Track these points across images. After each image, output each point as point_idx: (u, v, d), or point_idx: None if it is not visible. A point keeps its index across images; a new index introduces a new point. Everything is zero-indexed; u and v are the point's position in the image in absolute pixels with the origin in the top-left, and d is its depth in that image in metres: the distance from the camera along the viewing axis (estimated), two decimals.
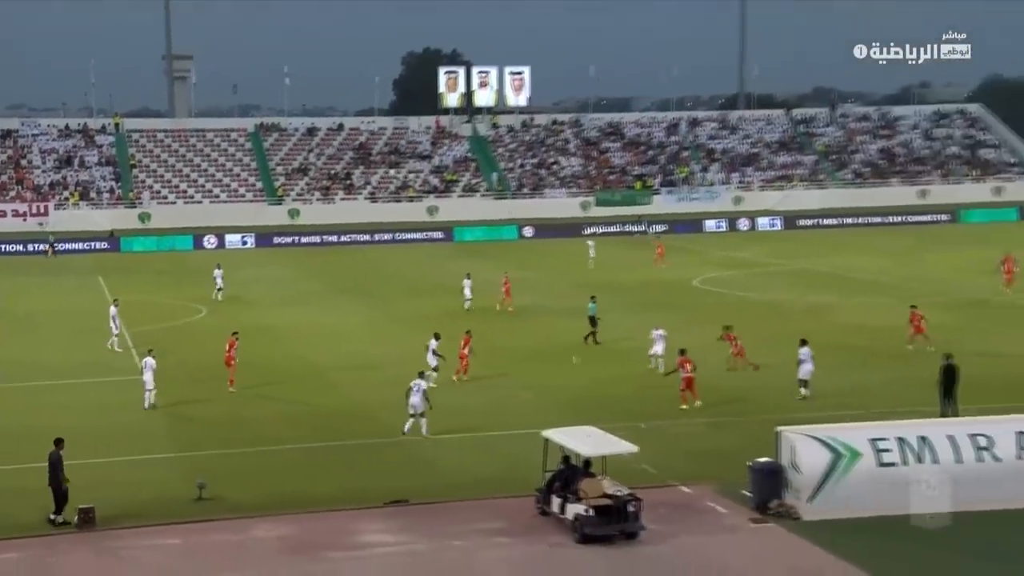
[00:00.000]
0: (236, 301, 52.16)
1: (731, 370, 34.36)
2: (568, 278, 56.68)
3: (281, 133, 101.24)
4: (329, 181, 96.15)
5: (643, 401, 31.39)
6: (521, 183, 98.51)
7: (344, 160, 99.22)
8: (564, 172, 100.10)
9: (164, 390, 33.75)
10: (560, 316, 44.79)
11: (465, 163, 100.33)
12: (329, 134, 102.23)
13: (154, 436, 28.71)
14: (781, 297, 50.49)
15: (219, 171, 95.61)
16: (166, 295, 54.85)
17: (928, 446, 21.84)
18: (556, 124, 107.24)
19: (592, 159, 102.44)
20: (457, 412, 30.58)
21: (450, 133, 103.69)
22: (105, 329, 41.93)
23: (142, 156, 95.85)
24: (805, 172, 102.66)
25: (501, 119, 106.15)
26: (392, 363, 37.53)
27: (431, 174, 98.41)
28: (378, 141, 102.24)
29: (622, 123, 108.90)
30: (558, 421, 25.41)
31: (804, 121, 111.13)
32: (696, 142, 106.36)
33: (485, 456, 26.48)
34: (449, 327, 43.94)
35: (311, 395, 33.19)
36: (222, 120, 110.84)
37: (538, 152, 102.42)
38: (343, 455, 26.82)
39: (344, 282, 58.76)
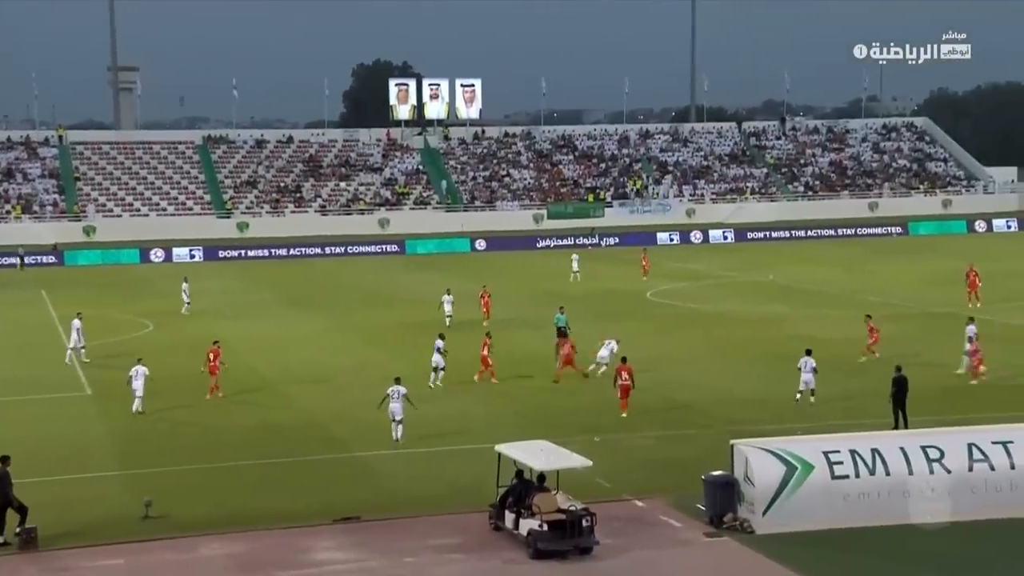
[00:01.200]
0: (183, 315, 51.61)
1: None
2: (521, 290, 56.72)
3: (229, 145, 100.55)
4: (279, 194, 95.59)
5: (597, 414, 31.42)
6: (473, 196, 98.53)
7: (294, 173, 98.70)
8: (516, 185, 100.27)
9: (110, 407, 33.33)
10: (514, 328, 44.78)
11: (416, 176, 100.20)
12: (278, 146, 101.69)
13: (100, 453, 28.30)
14: (733, 308, 50.84)
15: (166, 184, 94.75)
16: (112, 309, 54.15)
17: (880, 458, 22.02)
18: (508, 136, 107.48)
19: (544, 172, 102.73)
20: (410, 426, 30.44)
21: (401, 145, 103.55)
22: (53, 343, 41.41)
23: (87, 169, 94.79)
24: (756, 185, 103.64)
25: (452, 131, 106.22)
26: (345, 375, 37.33)
27: (382, 187, 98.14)
28: (328, 153, 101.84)
29: (574, 136, 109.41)
30: (512, 435, 25.35)
31: (755, 134, 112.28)
32: (648, 155, 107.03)
33: (438, 471, 26.35)
34: (404, 338, 44.00)
35: (262, 409, 32.90)
36: (169, 132, 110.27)
37: (490, 165, 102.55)
38: (294, 470, 26.58)
39: (295, 294, 58.39)
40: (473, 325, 44.55)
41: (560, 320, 40.55)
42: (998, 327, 43.62)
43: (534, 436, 24.69)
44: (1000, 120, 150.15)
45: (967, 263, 53.51)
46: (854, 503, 21.70)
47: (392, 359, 39.65)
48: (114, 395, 34.90)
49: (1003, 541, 21.26)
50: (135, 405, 32.38)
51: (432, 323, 46.82)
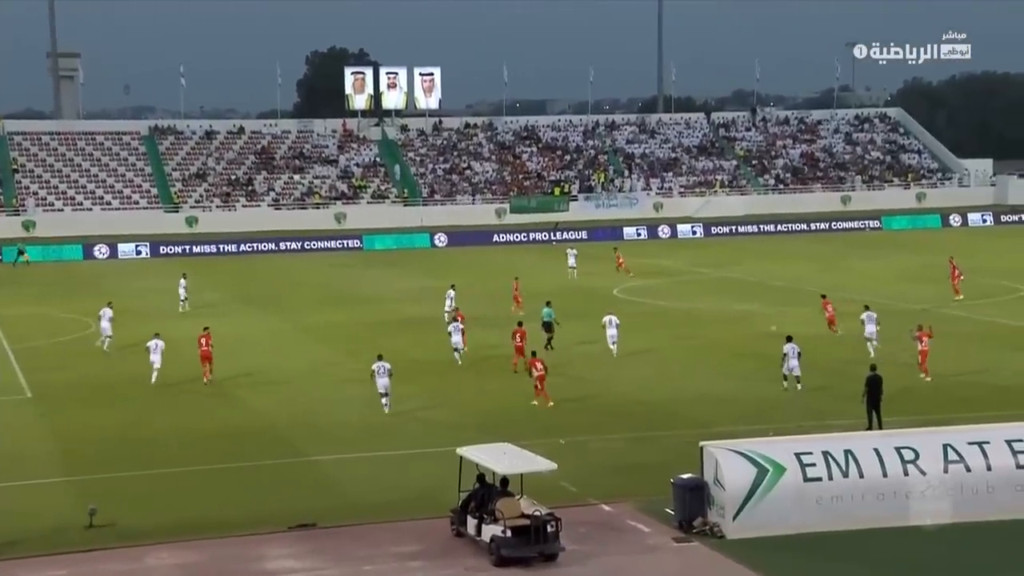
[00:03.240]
0: (131, 313, 51.19)
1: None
2: (482, 287, 56.69)
3: (177, 136, 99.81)
4: (230, 187, 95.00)
5: (562, 415, 31.47)
6: (433, 189, 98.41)
7: (245, 165, 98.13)
8: (477, 178, 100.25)
9: (51, 410, 33.00)
10: (476, 327, 44.78)
11: (374, 168, 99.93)
12: (229, 137, 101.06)
13: (41, 459, 28.05)
14: (702, 306, 51.09)
15: (111, 176, 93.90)
16: (55, 308, 53.63)
17: (854, 460, 22.20)
18: (469, 127, 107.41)
19: (507, 164, 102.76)
20: (366, 429, 30.37)
21: (358, 137, 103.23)
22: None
23: (25, 160, 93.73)
24: (726, 177, 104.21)
25: (411, 122, 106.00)
26: (299, 377, 37.20)
27: (338, 179, 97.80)
28: (281, 145, 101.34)
29: (537, 127, 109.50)
30: (473, 438, 25.34)
31: (724, 125, 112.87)
32: (614, 146, 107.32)
33: (397, 476, 26.32)
34: (363, 339, 43.86)
35: (212, 411, 32.73)
36: (113, 123, 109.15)
37: (450, 157, 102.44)
38: (245, 476, 26.46)
39: (247, 293, 58.07)
40: (437, 323, 44.45)
41: (548, 315, 40.96)
42: (976, 324, 44.12)
43: (497, 438, 24.70)
44: (976, 111, 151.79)
45: (947, 256, 54.23)
46: (827, 506, 21.87)
47: (350, 360, 39.55)
48: (56, 398, 34.62)
49: (980, 544, 21.52)
50: (153, 378, 35.60)
51: (392, 322, 46.73)
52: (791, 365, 33.18)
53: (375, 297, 55.29)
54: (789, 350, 33.21)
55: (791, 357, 33.09)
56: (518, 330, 37.39)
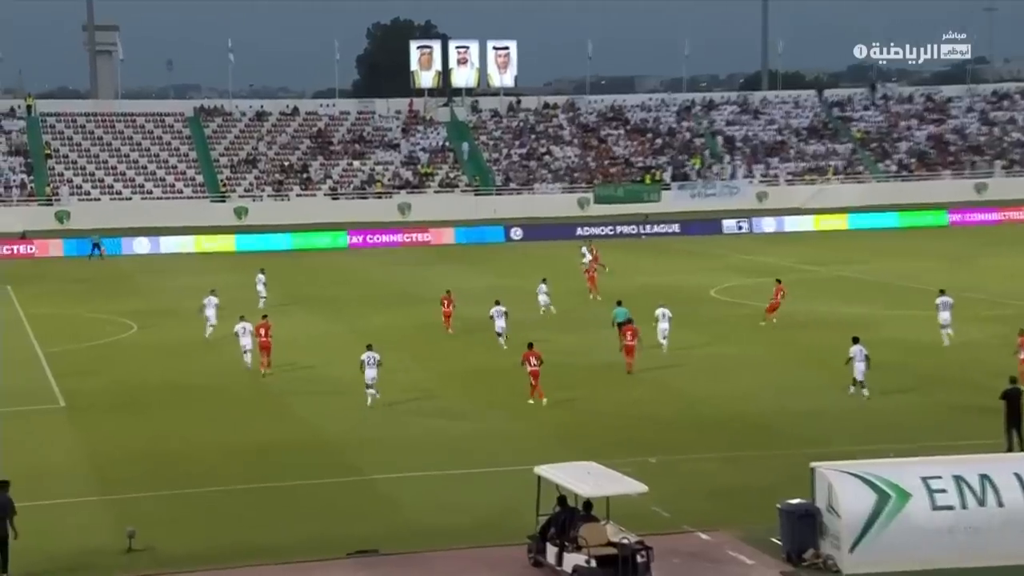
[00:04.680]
0: (171, 315, 51.92)
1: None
2: (563, 286, 56.60)
3: (225, 118, 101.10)
4: (282, 174, 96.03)
5: (654, 430, 31.30)
6: (508, 177, 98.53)
7: (300, 150, 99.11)
8: (558, 164, 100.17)
9: (86, 421, 33.54)
10: (553, 331, 44.72)
11: (442, 153, 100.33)
12: (282, 119, 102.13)
13: (76, 475, 28.50)
14: (809, 309, 50.55)
15: (152, 162, 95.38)
16: (89, 308, 54.58)
17: (991, 486, 21.77)
18: (548, 108, 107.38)
19: (590, 148, 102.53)
20: (431, 444, 30.45)
21: (424, 119, 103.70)
22: (22, 347, 41.69)
23: (59, 144, 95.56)
24: (840, 163, 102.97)
25: (483, 102, 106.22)
26: (355, 387, 37.32)
27: (402, 166, 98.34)
28: (340, 128, 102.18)
29: (625, 107, 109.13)
30: (553, 455, 25.29)
31: (839, 103, 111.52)
32: (712, 128, 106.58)
33: (466, 497, 26.33)
34: (427, 343, 44.02)
35: (259, 423, 33.02)
36: (155, 103, 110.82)
37: (527, 141, 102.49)
38: (297, 496, 26.63)
39: (299, 292, 58.56)
40: (513, 327, 44.46)
41: (621, 315, 41.54)
42: None
43: (580, 456, 24.60)
44: None
45: None
46: (960, 539, 21.46)
47: (412, 367, 39.71)
48: (90, 407, 35.19)
49: None
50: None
51: (460, 326, 46.83)
52: (857, 369, 34.08)
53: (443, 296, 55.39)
54: (855, 352, 34.12)
55: (857, 360, 34.04)
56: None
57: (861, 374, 34.26)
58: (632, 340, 38.48)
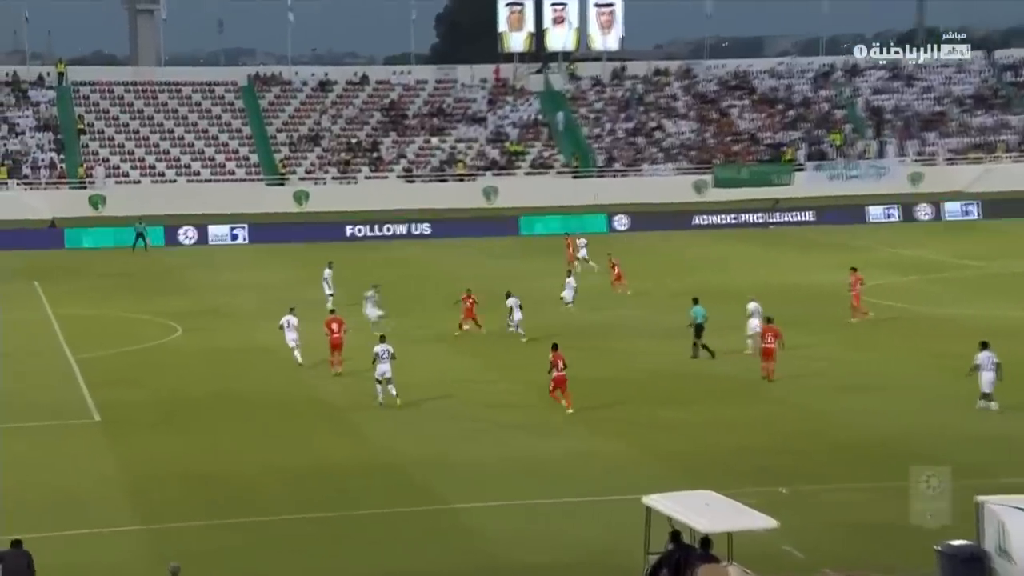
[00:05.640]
0: (221, 316, 52.54)
1: None
2: (677, 284, 56.40)
3: (283, 88, 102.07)
4: (349, 153, 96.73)
5: (784, 454, 31.07)
6: (612, 156, 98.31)
7: (369, 125, 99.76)
8: (670, 141, 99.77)
9: (123, 438, 34.02)
10: (658, 337, 44.61)
11: (535, 129, 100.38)
12: (349, 89, 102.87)
13: (114, 501, 28.91)
14: (969, 312, 49.85)
15: (199, 139, 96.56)
16: (127, 307, 55.37)
17: None
18: (660, 75, 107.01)
19: (710, 122, 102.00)
20: (520, 467, 30.51)
21: (514, 88, 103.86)
22: (52, 351, 42.35)
23: (94, 118, 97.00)
24: (1013, 139, 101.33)
25: (583, 68, 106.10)
26: (431, 399, 37.59)
27: (488, 143, 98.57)
28: (416, 99, 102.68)
29: (751, 73, 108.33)
30: (664, 482, 25.24)
31: (1011, 67, 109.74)
32: (856, 98, 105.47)
33: (562, 530, 26.32)
34: (515, 349, 44.05)
35: (323, 443, 33.30)
36: (203, 70, 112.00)
37: (634, 114, 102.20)
38: (366, 527, 26.82)
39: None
40: (616, 331, 44.38)
41: (698, 314, 42.08)
42: None
43: (695, 484, 24.48)
44: None
45: None
46: None
47: (497, 377, 39.82)
48: (129, 422, 35.70)
49: None
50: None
51: (556, 329, 46.83)
52: (985, 379, 34.32)
53: (533, 296, 55.39)
54: (983, 360, 34.39)
55: (985, 368, 34.31)
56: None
57: (989, 385, 34.35)
58: (771, 342, 38.72)
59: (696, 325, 42.20)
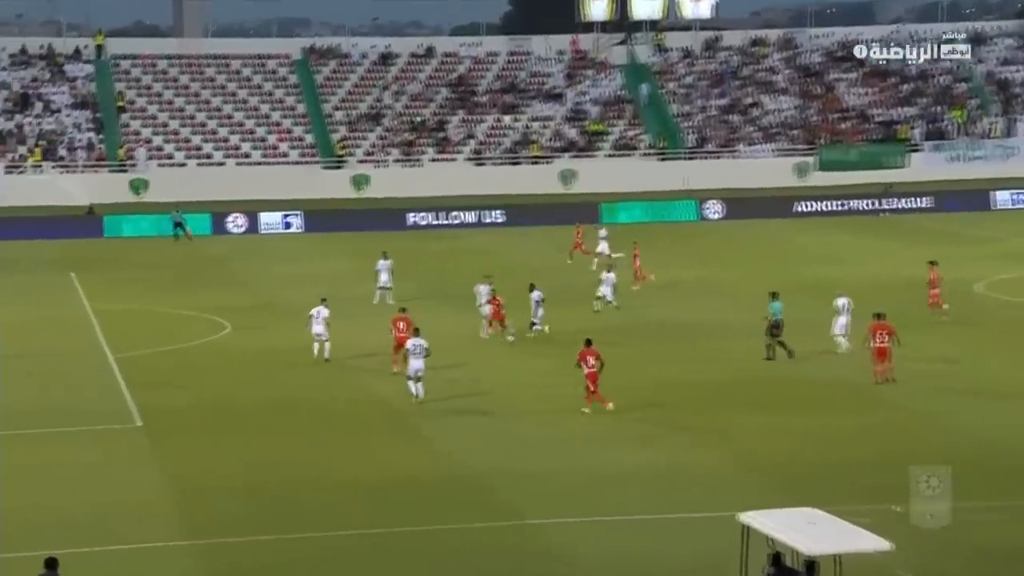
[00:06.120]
0: (274, 311, 52.80)
1: None
2: (768, 279, 56.08)
3: (341, 61, 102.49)
4: (413, 133, 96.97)
5: (898, 467, 30.70)
6: (703, 136, 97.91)
7: (435, 102, 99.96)
8: (769, 119, 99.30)
9: (168, 445, 34.30)
10: (752, 337, 44.38)
11: (617, 106, 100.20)
12: (413, 63, 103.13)
13: (158, 514, 29.12)
14: None
15: (250, 117, 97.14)
16: (172, 302, 55.81)
17: None
18: (757, 45, 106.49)
19: (813, 98, 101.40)
20: (603, 481, 30.51)
21: (595, 61, 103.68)
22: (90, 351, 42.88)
23: (135, 95, 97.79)
24: None
25: (672, 38, 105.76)
26: (507, 404, 37.61)
27: (566, 122, 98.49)
28: (486, 73, 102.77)
29: (860, 42, 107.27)
30: (762, 499, 25.19)
31: None
32: (981, 70, 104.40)
33: (651, 550, 26.27)
34: (602, 348, 43.99)
35: (388, 452, 33.39)
36: (253, 42, 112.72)
37: (729, 89, 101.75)
38: (438, 545, 26.86)
39: (434, 283, 59.04)
40: (711, 330, 44.18)
41: (776, 310, 42.28)
42: None
43: (797, 500, 24.34)
44: None
45: None
46: None
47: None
48: (174, 428, 35.99)
49: None
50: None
51: (639, 328, 46.78)
52: None
53: (619, 291, 55.32)
54: None
55: None
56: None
57: None
58: (886, 341, 38.57)
59: (774, 322, 42.12)
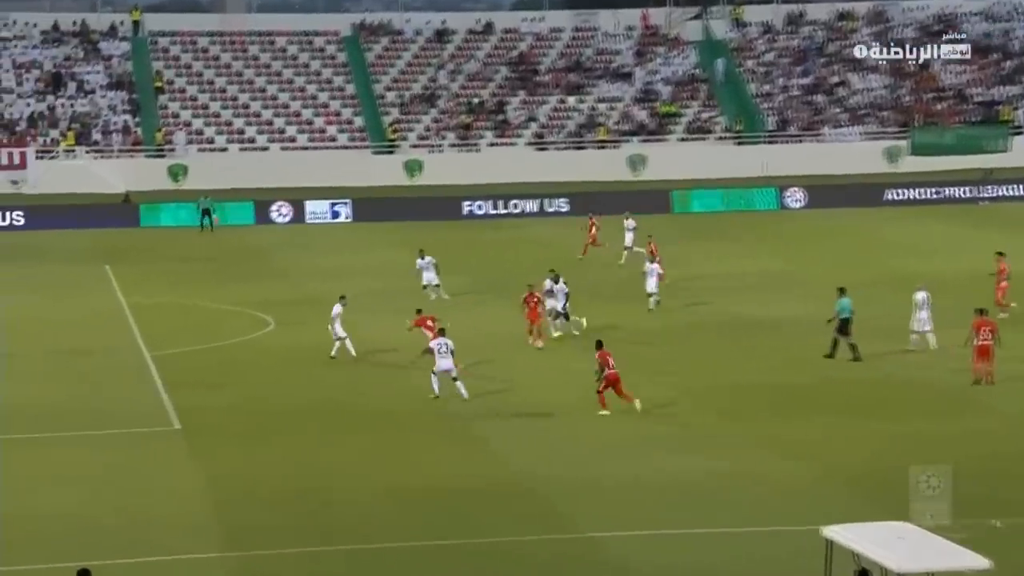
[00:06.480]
0: (320, 306, 52.88)
1: None
2: (856, 273, 55.89)
3: (394, 39, 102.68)
4: (470, 116, 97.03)
5: (997, 478, 30.60)
6: (784, 118, 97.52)
7: (495, 82, 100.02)
8: (857, 99, 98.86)
9: (207, 450, 34.49)
10: (868, 340, 44.29)
11: (691, 86, 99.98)
12: (470, 40, 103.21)
13: (196, 523, 29.28)
14: None
15: (295, 99, 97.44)
16: (212, 296, 56.12)
17: None
18: (844, 19, 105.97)
19: (906, 76, 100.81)
20: (670, 491, 30.47)
21: (666, 37, 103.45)
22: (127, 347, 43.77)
23: (174, 75, 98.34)
24: None
25: (751, 12, 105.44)
26: (569, 409, 37.56)
27: (635, 104, 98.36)
28: (549, 51, 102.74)
29: (958, 15, 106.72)
30: (847, 511, 25.13)
31: None
32: None
33: (726, 566, 26.23)
34: (669, 351, 43.89)
35: (440, 459, 33.45)
36: (300, 18, 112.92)
37: (813, 67, 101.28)
38: (494, 558, 26.89)
39: (494, 276, 59.10)
40: (794, 326, 44.16)
41: (844, 307, 42.19)
42: None
43: (885, 513, 24.19)
44: None
45: None
46: None
47: (646, 384, 39.72)
48: (213, 431, 36.16)
49: None
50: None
51: (716, 326, 46.62)
52: None
53: (690, 286, 55.22)
54: None
55: None
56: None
57: None
58: (988, 338, 38.61)
59: (843, 320, 42.07)
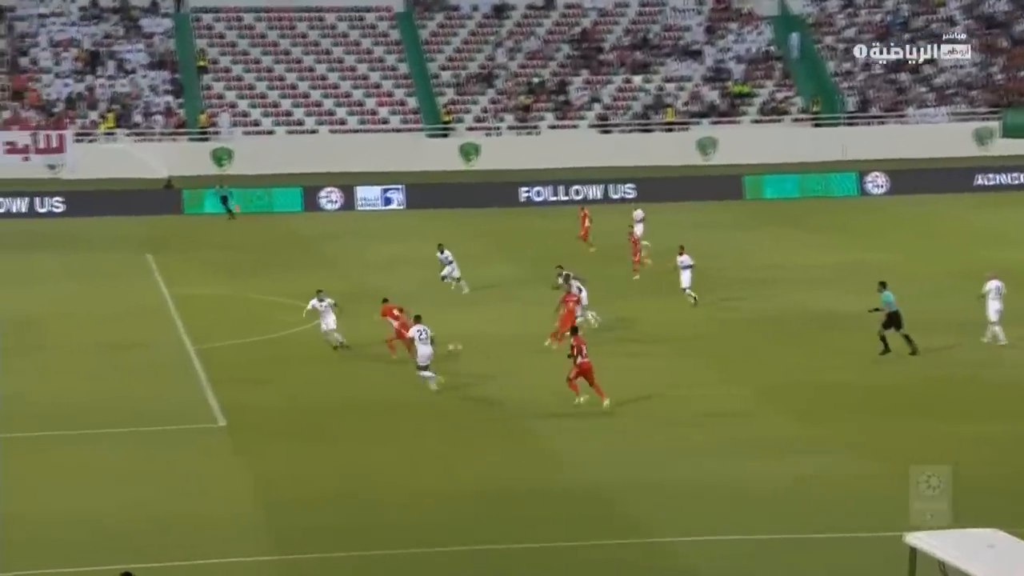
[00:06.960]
0: (372, 298, 53.05)
1: None
2: (944, 263, 55.66)
3: (449, 15, 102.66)
4: (529, 96, 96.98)
5: None
6: (865, 98, 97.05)
7: (556, 61, 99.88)
8: (943, 78, 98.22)
9: (254, 446, 34.69)
10: (923, 331, 44.11)
11: (766, 65, 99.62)
12: (530, 15, 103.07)
13: (242, 525, 29.48)
14: None
15: (346, 79, 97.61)
16: (258, 287, 56.38)
17: None
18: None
19: (997, 52, 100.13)
20: (739, 495, 30.48)
21: (739, 12, 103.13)
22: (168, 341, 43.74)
23: (218, 53, 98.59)
24: None
25: None
26: (631, 408, 37.57)
27: (706, 83, 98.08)
28: (614, 27, 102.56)
29: None
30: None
31: None
32: None
33: (803, 573, 26.21)
34: (741, 347, 43.86)
35: (495, 459, 33.58)
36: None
37: (897, 42, 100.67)
38: (553, 564, 26.97)
39: (552, 267, 58.97)
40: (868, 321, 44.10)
41: (891, 301, 42.34)
42: None
43: (973, 520, 24.04)
44: None
45: None
46: None
47: (716, 380, 39.77)
48: (260, 429, 36.35)
49: None
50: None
51: (795, 320, 46.55)
52: None
53: (764, 277, 55.09)
54: None
55: None
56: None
57: None
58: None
59: (889, 314, 41.99)
